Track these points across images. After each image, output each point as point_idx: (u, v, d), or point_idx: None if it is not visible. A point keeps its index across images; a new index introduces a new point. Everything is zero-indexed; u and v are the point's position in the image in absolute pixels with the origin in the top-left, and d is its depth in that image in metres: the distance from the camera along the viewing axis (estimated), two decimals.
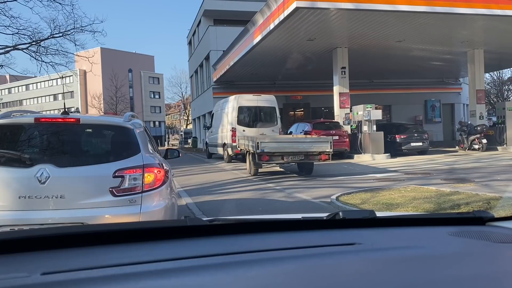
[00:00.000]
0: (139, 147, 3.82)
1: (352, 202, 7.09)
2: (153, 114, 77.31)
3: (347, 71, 18.41)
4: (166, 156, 5.31)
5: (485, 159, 14.87)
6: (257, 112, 16.74)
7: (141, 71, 76.20)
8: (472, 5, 14.09)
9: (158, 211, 3.71)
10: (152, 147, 4.40)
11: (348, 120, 17.92)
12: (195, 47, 35.44)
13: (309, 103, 28.01)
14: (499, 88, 41.85)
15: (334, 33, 16.26)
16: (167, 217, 3.81)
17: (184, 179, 11.63)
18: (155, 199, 3.73)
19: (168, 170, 4.09)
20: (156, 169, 3.78)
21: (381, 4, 13.44)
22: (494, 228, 1.33)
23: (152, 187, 3.69)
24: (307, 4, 12.99)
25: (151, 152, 4.15)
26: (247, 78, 25.15)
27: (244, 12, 27.92)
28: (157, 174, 3.76)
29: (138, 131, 4.02)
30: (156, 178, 3.73)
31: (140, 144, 3.86)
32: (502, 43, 19.09)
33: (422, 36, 17.17)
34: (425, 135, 18.36)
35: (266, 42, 16.73)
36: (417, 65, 23.80)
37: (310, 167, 11.89)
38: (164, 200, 3.83)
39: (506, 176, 9.84)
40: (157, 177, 3.75)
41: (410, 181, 9.64)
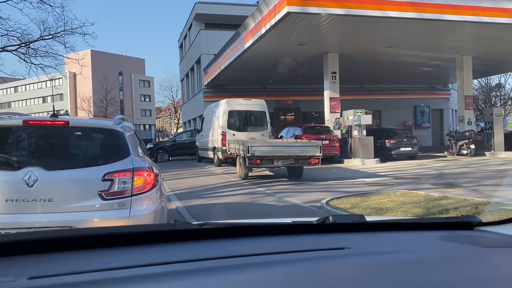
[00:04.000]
0: (128, 150, 3.79)
1: (342, 206, 7.11)
2: (144, 117, 77.00)
3: (338, 76, 18.52)
4: (156, 159, 5.29)
5: (474, 164, 15.03)
6: (247, 116, 16.79)
7: (131, 74, 75.90)
8: (460, 12, 14.28)
9: (147, 215, 3.68)
10: (142, 150, 4.38)
11: (339, 125, 18.01)
12: (186, 50, 35.40)
13: (299, 107, 28.12)
14: (487, 94, 42.40)
15: (325, 38, 16.35)
16: (156, 221, 3.78)
17: (174, 182, 11.58)
18: (144, 203, 3.70)
19: (158, 173, 4.06)
20: (146, 173, 3.75)
21: (371, 10, 13.55)
22: (482, 233, 1.35)
23: (141, 190, 3.66)
24: (299, 9, 13.07)
25: (141, 155, 4.13)
26: (238, 82, 25.17)
27: (236, 16, 28.00)
28: (147, 177, 3.73)
29: (128, 134, 3.99)
30: (145, 182, 3.70)
31: (130, 147, 3.84)
32: (490, 50, 19.36)
33: (411, 42, 17.35)
34: (415, 140, 18.51)
35: (258, 47, 16.78)
36: (406, 70, 24.03)
37: (300, 171, 11.97)
38: (154, 204, 3.80)
39: (494, 181, 9.95)
40: (147, 181, 3.71)
41: (399, 186, 9.70)
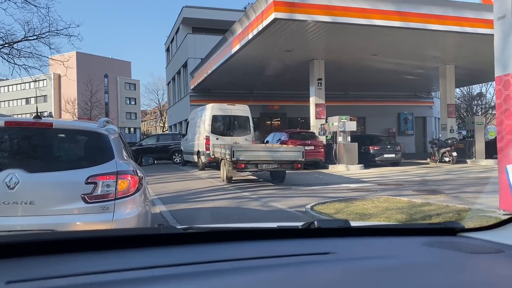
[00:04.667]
0: (113, 153, 3.75)
1: (326, 211, 7.14)
2: (129, 120, 76.30)
3: (323, 83, 18.67)
4: (140, 162, 5.23)
5: (455, 171, 15.26)
6: (231, 121, 17.04)
7: (117, 76, 75.22)
8: (444, 22, 14.55)
9: (131, 219, 3.63)
10: (126, 154, 4.33)
11: (324, 131, 18.13)
12: (173, 54, 35.28)
13: (285, 113, 28.24)
14: (469, 103, 43.17)
15: (311, 45, 16.48)
16: (140, 225, 3.73)
17: (158, 186, 11.48)
18: (128, 207, 3.66)
19: (142, 177, 4.02)
20: (130, 176, 3.71)
21: (357, 18, 13.72)
22: (465, 239, 1.36)
23: (125, 194, 3.62)
24: (286, 16, 13.16)
25: (126, 158, 4.09)
26: (224, 86, 25.17)
27: (223, 21, 28.06)
28: (131, 181, 3.69)
29: (113, 137, 3.96)
30: (130, 185, 3.67)
31: (114, 150, 3.80)
32: (472, 60, 19.74)
33: (396, 51, 17.60)
34: (398, 147, 18.72)
35: (245, 52, 16.82)
36: (391, 78, 24.35)
37: (283, 175, 12.21)
38: (138, 208, 3.75)
39: (475, 188, 10.11)
40: (131, 184, 3.68)
41: (383, 192, 9.78)
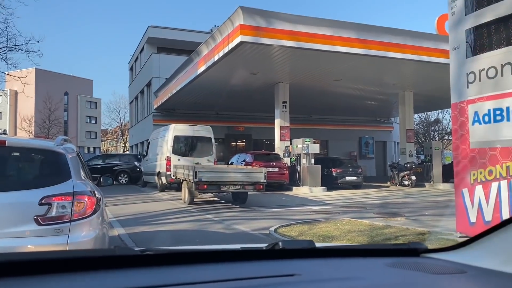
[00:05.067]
0: (70, 173, 3.60)
1: (290, 234, 7.11)
2: (88, 139, 74.21)
3: (288, 106, 18.93)
4: (99, 183, 5.05)
5: (415, 194, 15.69)
6: (193, 141, 16.98)
7: (78, 94, 73.42)
8: (403, 51, 15.18)
9: (87, 242, 3.46)
10: (84, 174, 4.17)
11: (288, 153, 18.28)
12: (137, 73, 34.89)
13: (251, 134, 28.34)
14: (427, 129, 44.96)
15: (276, 68, 16.74)
16: (96, 248, 3.57)
17: (117, 208, 11.11)
18: (84, 229, 3.49)
19: (100, 198, 3.87)
20: (87, 197, 3.56)
21: (321, 44, 14.09)
22: (428, 260, 1.36)
23: (81, 216, 3.46)
24: (251, 39, 13.33)
25: (83, 178, 3.93)
26: (189, 106, 25.04)
27: (188, 42, 28.14)
28: (88, 202, 3.54)
29: (70, 156, 3.81)
30: (86, 207, 3.51)
31: (71, 170, 3.64)
32: (429, 87, 20.63)
33: (358, 77, 18.15)
34: (360, 170, 19.10)
35: (210, 73, 16.86)
36: (353, 103, 25.02)
37: (245, 196, 12.23)
38: (94, 230, 3.59)
39: (433, 212, 10.40)
40: (88, 206, 3.53)
41: (345, 214, 9.88)
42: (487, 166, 5.12)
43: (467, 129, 5.44)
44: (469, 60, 5.41)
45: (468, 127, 5.42)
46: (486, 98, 5.15)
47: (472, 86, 5.37)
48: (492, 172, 5.04)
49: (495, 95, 5.04)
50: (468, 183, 5.40)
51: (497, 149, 5.01)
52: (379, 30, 14.95)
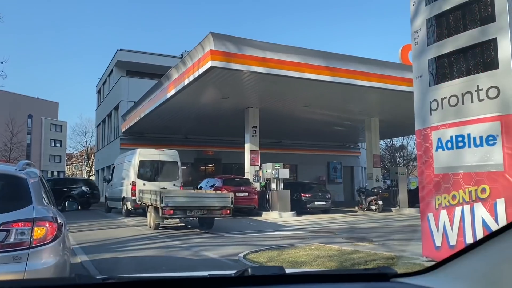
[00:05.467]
0: (31, 198, 3.50)
1: (259, 260, 7.02)
2: (52, 163, 71.84)
3: (258, 130, 19.03)
4: (63, 208, 4.81)
5: (382, 219, 15.90)
6: (159, 166, 16.87)
7: (42, 117, 71.38)
8: (370, 79, 15.65)
9: (46, 269, 3.30)
10: (47, 199, 4.06)
11: (258, 177, 18.26)
12: (105, 96, 34.39)
13: (220, 158, 28.21)
14: (392, 154, 46.10)
15: (246, 93, 16.88)
16: (56, 276, 3.40)
17: (81, 234, 10.70)
18: (44, 256, 3.34)
19: (62, 224, 3.73)
20: (48, 223, 3.43)
21: (290, 71, 14.33)
22: (398, 284, 1.36)
23: (42, 242, 3.32)
24: (222, 65, 13.42)
25: (45, 204, 3.81)
26: (158, 130, 24.77)
27: (158, 66, 28.08)
28: (49, 228, 3.42)
29: (32, 181, 3.71)
30: (47, 233, 3.39)
31: (33, 195, 3.54)
32: (394, 114, 21.27)
33: (326, 103, 18.53)
34: (328, 195, 19.25)
35: (180, 97, 16.80)
36: (321, 129, 25.45)
37: (211, 221, 12.15)
38: (55, 257, 3.44)
39: (400, 236, 10.54)
40: (49, 232, 3.40)
41: (314, 239, 9.88)
42: (450, 191, 5.26)
43: (431, 155, 5.60)
44: (431, 89, 5.62)
45: (432, 153, 5.58)
46: (449, 125, 5.34)
47: (435, 113, 5.56)
48: (456, 197, 5.18)
49: (457, 122, 5.23)
50: (433, 207, 5.52)
51: (460, 175, 5.16)
52: (346, 58, 15.39)
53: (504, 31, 4.72)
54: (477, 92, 4.99)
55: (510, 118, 4.68)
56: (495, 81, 4.81)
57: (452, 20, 5.29)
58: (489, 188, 4.82)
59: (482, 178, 4.90)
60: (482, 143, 4.91)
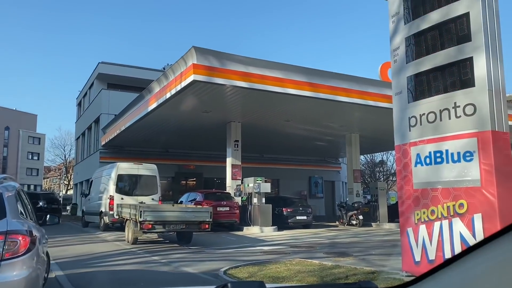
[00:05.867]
0: (5, 211, 3.57)
1: (239, 275, 6.95)
2: (29, 176, 70.18)
3: (240, 145, 19.03)
4: (44, 222, 5.10)
5: (362, 234, 15.98)
6: (137, 180, 16.79)
7: (20, 129, 69.93)
8: (350, 95, 15.87)
9: (17, 282, 3.30)
10: (25, 212, 4.12)
11: (239, 192, 18.18)
12: (85, 109, 33.96)
13: (201, 173, 28.03)
14: (372, 169, 46.63)
15: (228, 107, 16.91)
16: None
17: (58, 250, 10.42)
18: (16, 268, 3.36)
19: (36, 237, 3.74)
20: (21, 236, 3.46)
21: (272, 86, 14.44)
22: None
23: (14, 255, 3.35)
24: (204, 79, 13.43)
25: (21, 217, 3.85)
26: (138, 144, 24.53)
27: (139, 79, 27.95)
28: (22, 241, 3.44)
29: (8, 194, 3.79)
30: (20, 246, 3.42)
31: (7, 209, 3.58)
32: (374, 130, 21.58)
33: (307, 118, 18.69)
34: (310, 210, 19.28)
35: (162, 110, 16.72)
36: (302, 144, 25.62)
37: (190, 236, 12.10)
38: (27, 270, 3.44)
39: (380, 251, 10.60)
40: (21, 245, 3.46)
41: (295, 254, 9.84)
42: (429, 206, 5.33)
43: (410, 170, 5.68)
44: (410, 105, 5.73)
45: (411, 168, 5.66)
46: (427, 141, 5.44)
47: (414, 129, 5.66)
48: (435, 212, 5.25)
49: (435, 138, 5.33)
50: (412, 222, 5.58)
51: (439, 190, 5.25)
52: (327, 75, 15.60)
53: (479, 50, 4.87)
54: (455, 109, 5.11)
55: (486, 134, 4.80)
56: (472, 98, 4.94)
57: (430, 38, 5.43)
58: (466, 203, 4.91)
59: (460, 194, 4.99)
60: (460, 159, 5.01)
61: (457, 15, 5.11)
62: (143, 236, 12.42)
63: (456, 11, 5.13)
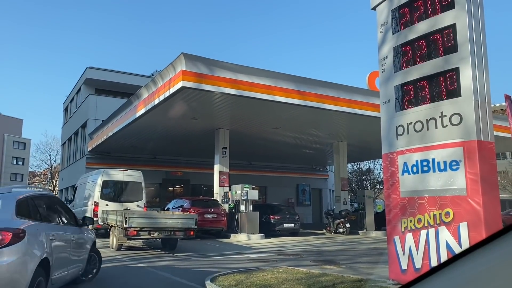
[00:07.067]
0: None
1: (226, 283, 6.89)
2: (14, 182, 68.91)
3: (228, 152, 18.99)
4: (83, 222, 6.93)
5: (349, 242, 16.01)
6: (122, 186, 16.71)
7: (5, 134, 68.88)
8: (337, 103, 15.98)
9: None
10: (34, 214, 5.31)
11: (227, 199, 18.11)
12: (72, 114, 33.61)
13: (189, 179, 27.89)
14: (359, 178, 46.91)
15: (217, 114, 16.88)
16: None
17: None
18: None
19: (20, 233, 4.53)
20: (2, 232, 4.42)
21: (261, 93, 14.48)
22: None
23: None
24: (193, 85, 13.41)
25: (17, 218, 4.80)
26: (125, 150, 24.32)
27: (128, 85, 27.81)
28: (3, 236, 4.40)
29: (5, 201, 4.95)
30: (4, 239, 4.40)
31: None
32: (361, 138, 21.74)
33: (295, 126, 18.75)
34: (297, 217, 19.28)
35: (150, 117, 16.62)
36: (290, 151, 25.66)
37: (174, 242, 12.10)
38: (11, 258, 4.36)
39: (367, 259, 10.63)
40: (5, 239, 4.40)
41: (282, 262, 9.82)
42: (416, 215, 5.37)
43: (397, 178, 5.73)
44: (398, 114, 5.79)
45: (398, 177, 5.70)
46: (414, 150, 5.49)
47: (401, 138, 5.72)
48: (421, 221, 5.28)
49: (422, 147, 5.39)
50: (399, 231, 5.61)
51: (425, 198, 5.29)
52: (315, 83, 15.70)
53: (466, 61, 4.95)
54: (441, 119, 5.17)
55: (472, 144, 4.87)
56: (458, 108, 5.01)
57: (417, 49, 5.51)
58: (452, 212, 4.95)
59: (446, 202, 5.03)
60: (446, 168, 5.07)
61: (444, 26, 5.19)
62: (128, 242, 12.31)
63: (443, 22, 5.21)
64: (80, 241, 6.72)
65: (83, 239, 6.91)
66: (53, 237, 5.37)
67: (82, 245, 6.82)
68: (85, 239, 6.99)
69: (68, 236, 6.09)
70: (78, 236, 6.60)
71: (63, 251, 5.80)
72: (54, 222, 5.97)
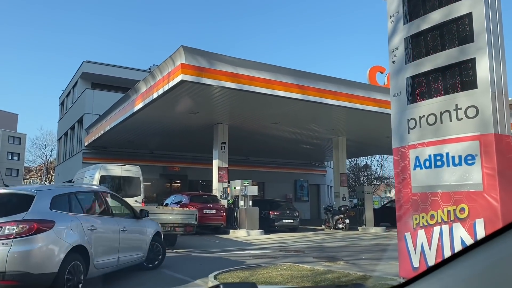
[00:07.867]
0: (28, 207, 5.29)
1: (230, 280, 6.72)
2: (9, 177, 68.23)
3: (227, 147, 18.79)
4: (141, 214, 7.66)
5: (349, 238, 15.88)
6: (120, 182, 16.39)
7: (0, 129, 68.28)
8: (338, 98, 15.81)
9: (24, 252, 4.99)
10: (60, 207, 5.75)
11: (226, 194, 17.93)
12: (68, 108, 33.26)
13: (186, 175, 27.68)
14: (356, 173, 46.79)
15: (216, 109, 16.67)
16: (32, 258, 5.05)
17: None
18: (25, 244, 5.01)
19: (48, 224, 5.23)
20: (30, 223, 5.11)
21: (261, 88, 14.28)
22: None
23: (23, 235, 5.04)
24: (193, 79, 13.19)
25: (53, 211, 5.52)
26: (123, 145, 24.07)
27: (125, 79, 27.51)
28: (30, 226, 5.08)
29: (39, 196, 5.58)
30: (29, 230, 5.08)
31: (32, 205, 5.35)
32: (360, 134, 21.60)
33: (294, 121, 18.57)
34: (296, 213, 19.14)
35: (148, 111, 16.39)
36: (289, 146, 25.49)
37: (174, 238, 11.92)
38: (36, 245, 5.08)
39: (370, 255, 10.49)
40: (29, 229, 5.08)
41: (284, 259, 9.66)
42: (429, 211, 5.20)
43: (408, 173, 5.55)
44: (409, 107, 5.60)
45: (410, 172, 5.53)
46: (427, 144, 5.31)
47: (413, 131, 5.53)
48: (434, 217, 5.11)
49: (435, 141, 5.21)
50: (410, 227, 5.44)
51: (438, 194, 5.12)
52: (316, 77, 15.50)
53: (482, 51, 4.76)
54: (456, 111, 4.99)
55: (489, 137, 4.69)
56: (474, 100, 4.83)
57: (431, 39, 5.32)
58: (468, 208, 4.78)
59: (461, 198, 4.86)
60: (461, 162, 4.89)
61: (459, 15, 5.00)
62: None
63: (458, 11, 5.02)
64: (136, 232, 7.44)
65: (141, 230, 7.61)
66: (92, 227, 5.97)
67: (140, 235, 7.55)
68: (143, 229, 7.68)
69: (114, 226, 6.68)
70: (133, 227, 7.30)
71: (108, 240, 6.44)
72: (99, 214, 6.62)
